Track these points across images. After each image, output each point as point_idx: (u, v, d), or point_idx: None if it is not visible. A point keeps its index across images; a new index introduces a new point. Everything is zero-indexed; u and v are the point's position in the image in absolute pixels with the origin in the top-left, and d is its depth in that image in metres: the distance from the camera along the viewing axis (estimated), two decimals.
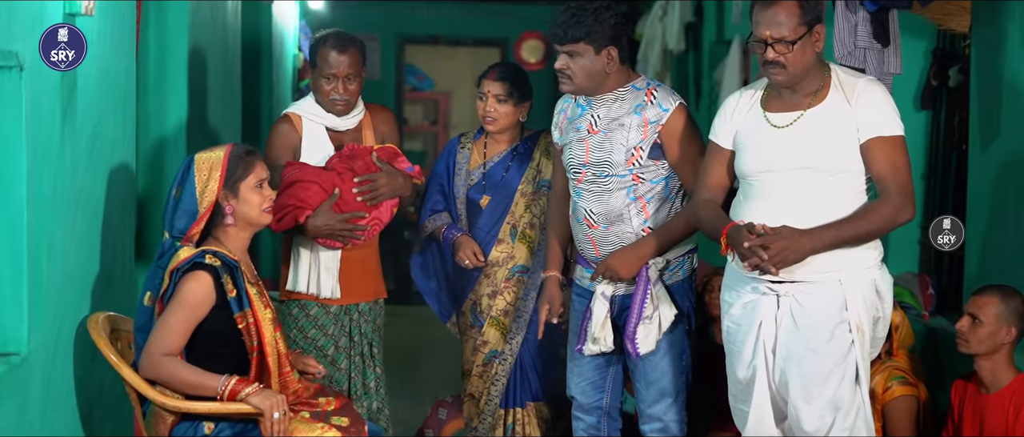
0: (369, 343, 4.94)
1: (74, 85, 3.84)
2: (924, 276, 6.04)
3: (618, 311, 4.57)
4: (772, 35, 3.95)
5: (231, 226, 4.03)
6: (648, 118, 4.42)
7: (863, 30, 4.86)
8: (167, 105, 5.66)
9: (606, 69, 4.42)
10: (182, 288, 3.86)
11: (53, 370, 3.73)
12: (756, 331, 4.06)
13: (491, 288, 5.02)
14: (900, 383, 5.05)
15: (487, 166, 5.08)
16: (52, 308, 3.72)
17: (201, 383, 3.84)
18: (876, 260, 4.04)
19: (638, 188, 4.46)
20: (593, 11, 4.35)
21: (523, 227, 5.02)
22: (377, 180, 4.71)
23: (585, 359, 4.65)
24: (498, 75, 4.98)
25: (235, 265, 3.94)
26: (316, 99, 4.89)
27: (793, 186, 3.99)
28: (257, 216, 4.07)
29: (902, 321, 5.23)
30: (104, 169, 4.22)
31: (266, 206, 4.08)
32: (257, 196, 4.05)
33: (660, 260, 4.50)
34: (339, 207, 4.66)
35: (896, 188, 3.93)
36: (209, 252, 3.91)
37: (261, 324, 3.95)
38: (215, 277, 3.88)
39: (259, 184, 4.06)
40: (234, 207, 4.01)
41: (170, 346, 3.84)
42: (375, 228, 4.76)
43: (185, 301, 3.85)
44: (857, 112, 3.96)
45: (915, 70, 6.23)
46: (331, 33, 4.88)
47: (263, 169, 4.11)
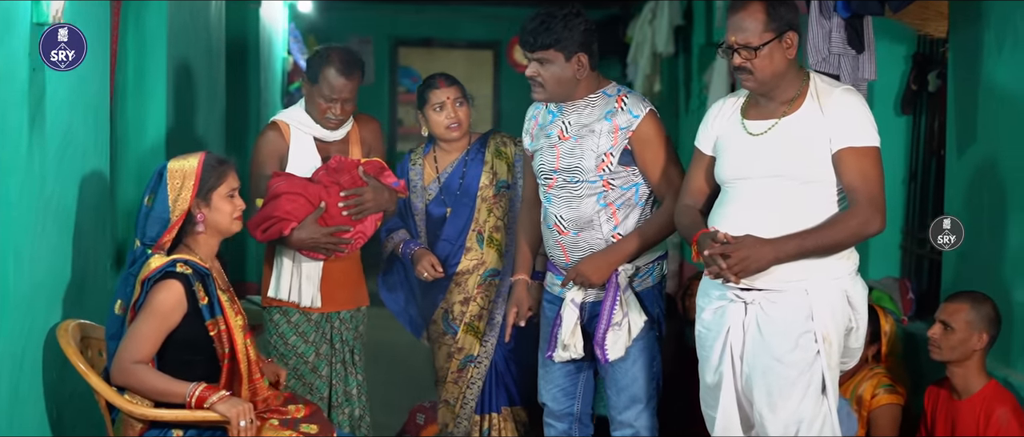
0: (350, 350, 4.95)
1: (42, 93, 3.84)
2: (904, 281, 6.05)
3: (588, 318, 4.58)
4: (737, 41, 3.96)
5: (201, 234, 4.04)
6: (618, 124, 4.43)
7: (837, 36, 4.86)
8: (147, 111, 5.67)
9: (577, 76, 4.43)
10: (153, 297, 3.87)
11: (20, 377, 3.74)
12: (724, 337, 4.06)
13: (463, 295, 5.04)
14: (886, 391, 5.07)
15: (442, 178, 5.08)
16: (20, 316, 3.73)
17: (169, 390, 3.86)
18: (847, 270, 4.02)
19: (608, 194, 4.47)
20: (562, 18, 4.36)
21: (489, 231, 5.03)
22: (363, 195, 4.72)
23: (556, 366, 4.66)
24: (448, 81, 5.01)
25: (207, 273, 3.95)
26: (307, 109, 4.87)
27: (766, 194, 3.99)
28: (228, 224, 4.08)
29: (892, 328, 5.24)
30: (75, 177, 4.22)
31: (236, 214, 4.10)
32: (229, 205, 4.07)
33: (630, 267, 4.50)
34: (325, 220, 4.68)
35: (865, 199, 3.91)
36: (180, 260, 3.92)
37: (233, 331, 3.96)
38: (186, 285, 3.90)
39: (231, 193, 4.08)
40: (206, 216, 4.03)
41: (140, 354, 3.86)
42: (359, 241, 4.77)
43: (156, 310, 3.87)
44: (830, 121, 3.94)
45: (895, 75, 6.24)
46: (335, 52, 4.82)
47: (234, 179, 4.12)
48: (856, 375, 5.10)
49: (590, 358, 4.62)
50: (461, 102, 5.00)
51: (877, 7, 4.67)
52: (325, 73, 4.75)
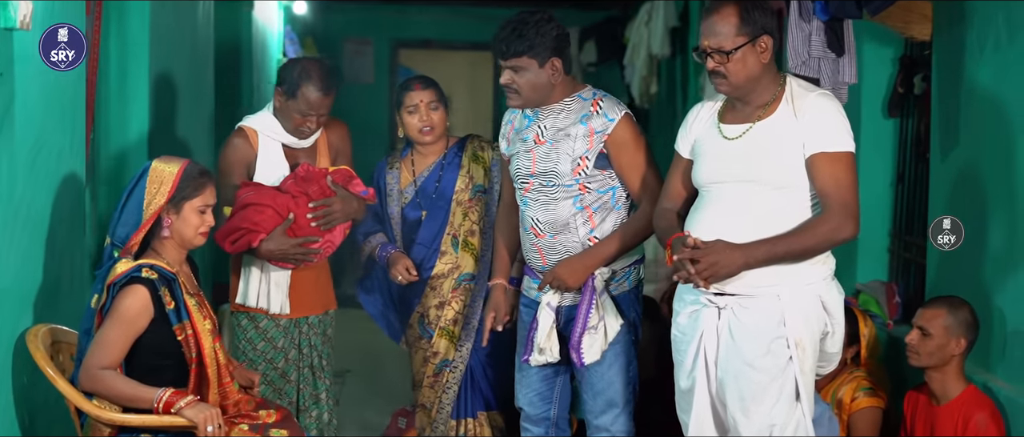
0: (318, 355, 4.95)
1: (11, 99, 3.83)
2: (891, 285, 6.02)
3: (564, 322, 4.57)
4: (710, 45, 3.95)
5: (167, 239, 4.04)
6: (594, 128, 4.42)
7: (817, 40, 4.85)
8: (129, 115, 5.66)
9: (551, 80, 4.42)
10: (119, 303, 3.87)
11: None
12: (698, 341, 4.05)
13: (438, 299, 5.03)
14: (866, 394, 5.06)
15: (418, 182, 5.08)
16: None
17: (137, 396, 3.86)
18: (822, 275, 4.00)
19: (584, 197, 4.45)
20: (534, 24, 4.36)
21: (464, 235, 5.02)
22: (331, 205, 4.71)
23: (532, 370, 4.65)
24: (424, 84, 5.00)
25: (172, 277, 3.94)
26: (277, 115, 4.83)
27: (738, 198, 3.97)
28: (191, 237, 4.08)
29: (870, 331, 5.22)
30: (49, 182, 4.21)
31: (203, 230, 4.09)
32: (197, 219, 4.07)
33: (606, 270, 4.49)
34: (293, 231, 4.66)
35: (837, 205, 3.87)
36: (145, 265, 3.92)
37: (200, 335, 3.96)
38: (152, 290, 3.89)
39: (203, 208, 4.08)
40: (173, 222, 4.02)
41: (107, 360, 3.86)
42: (327, 250, 4.76)
43: (122, 316, 3.87)
44: (803, 126, 3.91)
45: (882, 78, 6.21)
46: (314, 66, 4.78)
47: (211, 195, 4.11)
48: (836, 378, 5.09)
49: (567, 362, 4.61)
50: (435, 106, 4.98)
51: (855, 10, 4.65)
52: (304, 89, 4.71)
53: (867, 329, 5.19)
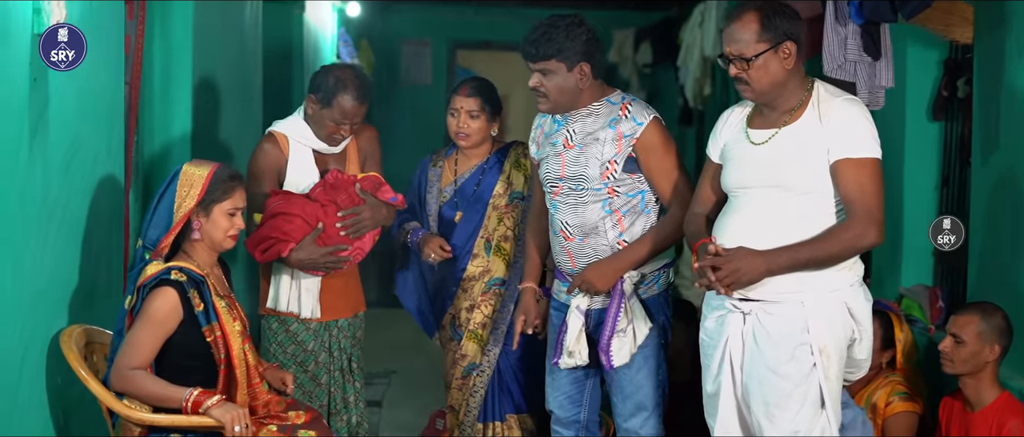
0: (348, 357, 4.98)
1: (46, 102, 3.90)
2: (934, 289, 5.96)
3: (594, 325, 4.58)
4: (731, 51, 3.94)
5: (198, 241, 4.09)
6: (623, 132, 4.42)
7: (853, 43, 4.82)
8: (172, 117, 5.73)
9: (579, 85, 4.42)
10: (148, 304, 3.93)
11: (19, 382, 3.79)
12: (723, 346, 4.04)
13: (469, 302, 5.06)
14: (901, 399, 5.02)
15: (458, 182, 5.11)
16: (19, 322, 3.78)
17: (166, 395, 3.92)
18: (847, 282, 3.96)
19: (613, 201, 4.46)
20: (564, 28, 4.36)
21: (497, 240, 5.03)
22: (360, 213, 4.74)
23: (562, 373, 4.66)
24: (470, 91, 5.01)
25: (201, 279, 3.99)
26: (308, 121, 4.85)
27: (764, 204, 3.96)
28: (221, 239, 4.13)
29: (906, 336, 5.18)
30: (85, 185, 4.28)
31: (232, 232, 4.13)
32: (227, 222, 4.11)
33: (635, 274, 4.50)
34: (322, 240, 4.70)
35: (861, 211, 3.85)
36: (175, 268, 3.97)
37: (229, 337, 4.01)
38: (181, 292, 3.95)
39: (232, 211, 4.12)
40: (203, 225, 4.08)
41: (137, 360, 3.92)
42: (357, 257, 4.79)
43: (151, 317, 3.93)
44: (828, 132, 3.89)
45: (928, 81, 6.16)
46: (348, 75, 4.80)
47: (241, 198, 4.16)
48: (871, 383, 5.06)
49: (597, 365, 4.61)
50: (476, 114, 4.99)
51: (890, 13, 4.62)
52: (339, 99, 4.73)
53: (903, 333, 5.15)
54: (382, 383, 7.69)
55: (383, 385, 7.67)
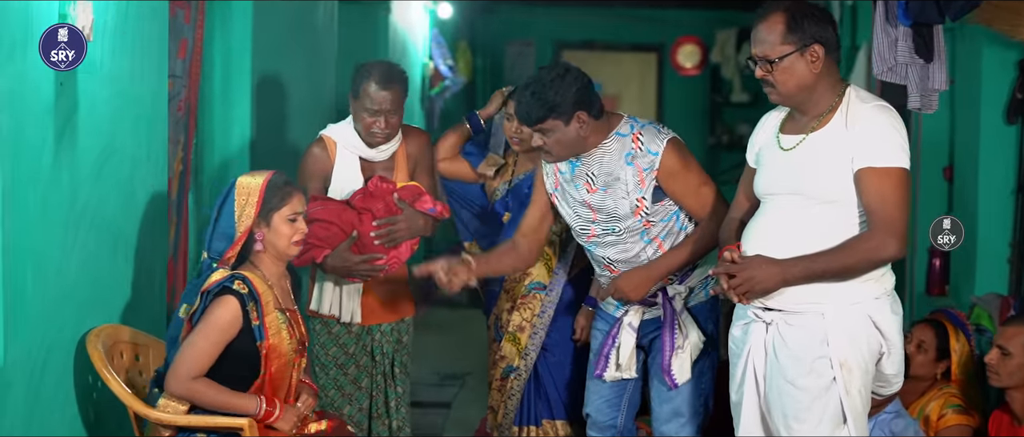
0: (391, 363, 4.98)
1: (74, 107, 3.95)
2: (1007, 298, 5.79)
3: (641, 335, 4.57)
4: (756, 53, 3.86)
5: (263, 252, 4.13)
6: (641, 167, 4.38)
7: (904, 45, 4.66)
8: (231, 120, 5.78)
9: (580, 134, 4.39)
10: (211, 312, 3.98)
11: (42, 381, 3.85)
12: (747, 355, 3.95)
13: (510, 303, 5.06)
14: (955, 411, 4.86)
15: (513, 182, 5.11)
16: (41, 322, 3.83)
17: (231, 404, 3.99)
18: (872, 294, 3.82)
19: (651, 231, 4.45)
20: (551, 84, 4.32)
21: None
22: (396, 223, 4.74)
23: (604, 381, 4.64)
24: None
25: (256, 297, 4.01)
26: (355, 127, 4.89)
27: (788, 211, 3.86)
28: (285, 248, 4.15)
29: (962, 347, 5.02)
30: (121, 188, 4.33)
31: (296, 238, 4.15)
32: (288, 228, 4.13)
33: (682, 289, 4.46)
34: (358, 248, 4.72)
35: (882, 223, 3.71)
36: (238, 278, 4.01)
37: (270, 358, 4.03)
38: (242, 302, 3.99)
39: (293, 217, 4.14)
40: (265, 235, 4.11)
41: (197, 368, 3.97)
42: (393, 266, 4.79)
43: (214, 325, 3.97)
44: (853, 139, 3.77)
45: (1003, 84, 5.99)
46: (375, 65, 4.84)
47: (299, 202, 4.17)
48: (925, 394, 4.91)
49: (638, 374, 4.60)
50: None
51: (936, 15, 4.47)
52: (365, 87, 4.74)
53: (958, 344, 4.98)
54: (455, 385, 7.71)
55: (456, 386, 7.68)
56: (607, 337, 4.59)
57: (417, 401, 7.27)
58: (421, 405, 6.97)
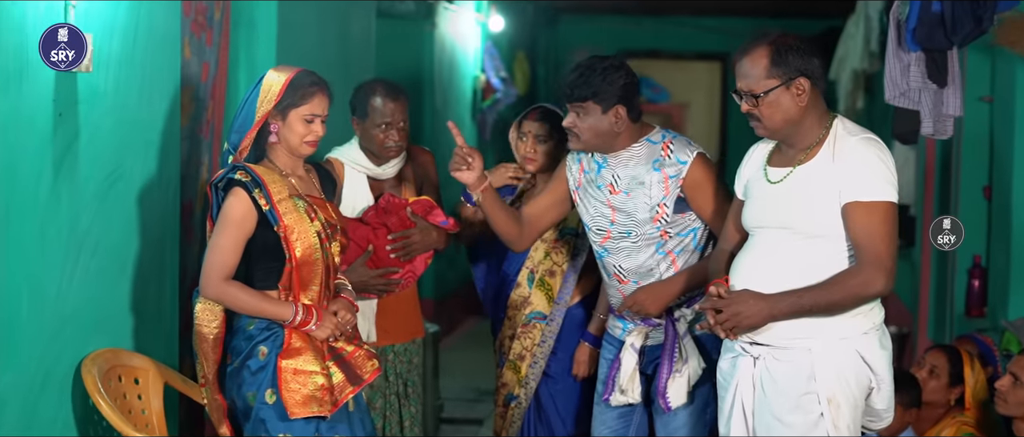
0: (404, 383, 5.01)
1: (75, 137, 4.01)
2: None
3: (646, 361, 4.55)
4: (742, 87, 3.84)
5: (277, 145, 4.16)
6: (668, 174, 4.38)
7: (916, 70, 4.62)
8: None
9: (614, 128, 4.39)
10: (225, 208, 4.04)
11: (38, 404, 3.91)
12: (734, 389, 3.93)
13: (511, 330, 5.04)
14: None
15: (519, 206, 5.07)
16: (38, 348, 3.91)
17: (264, 310, 4.05)
18: (860, 329, 3.79)
19: (667, 243, 4.44)
20: (601, 71, 4.34)
21: (542, 273, 4.97)
22: (411, 237, 4.78)
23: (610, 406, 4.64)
24: (539, 115, 4.96)
25: (260, 183, 4.03)
26: (362, 146, 4.94)
27: (775, 245, 3.84)
28: (297, 145, 4.15)
29: (978, 374, 4.95)
30: (126, 214, 4.39)
31: (309, 138, 4.14)
32: (302, 127, 4.14)
33: (688, 312, 4.45)
34: (373, 263, 4.76)
35: (869, 258, 3.68)
36: (239, 168, 4.06)
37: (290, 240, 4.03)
38: (247, 191, 4.03)
39: (310, 118, 4.14)
40: (279, 128, 4.13)
41: (224, 266, 4.03)
42: (409, 280, 4.84)
43: (228, 218, 4.03)
44: (840, 172, 3.74)
45: None
46: (374, 81, 4.92)
47: (320, 105, 4.16)
48: (940, 422, 4.86)
49: (646, 401, 4.59)
50: (543, 139, 4.93)
51: (943, 40, 4.42)
52: (372, 103, 4.83)
53: (973, 371, 4.91)
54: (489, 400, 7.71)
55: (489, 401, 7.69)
56: (615, 359, 4.59)
57: (449, 417, 7.32)
58: (453, 421, 6.99)
